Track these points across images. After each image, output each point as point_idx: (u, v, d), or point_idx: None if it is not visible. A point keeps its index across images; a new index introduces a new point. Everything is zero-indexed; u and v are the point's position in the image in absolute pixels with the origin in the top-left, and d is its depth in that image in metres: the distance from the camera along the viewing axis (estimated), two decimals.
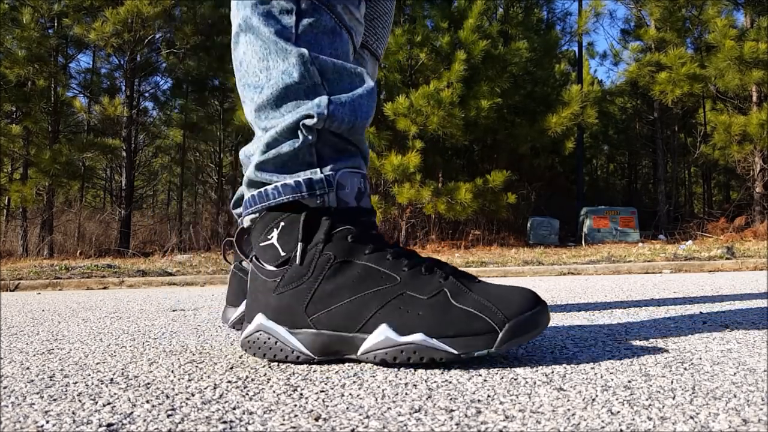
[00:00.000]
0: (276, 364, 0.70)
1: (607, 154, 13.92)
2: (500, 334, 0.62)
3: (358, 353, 0.66)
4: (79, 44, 8.54)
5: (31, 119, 7.47)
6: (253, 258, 0.75)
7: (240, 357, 0.75)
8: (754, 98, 8.49)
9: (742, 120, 7.62)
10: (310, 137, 0.71)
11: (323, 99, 0.71)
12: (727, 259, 3.65)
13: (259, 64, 0.74)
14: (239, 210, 1.12)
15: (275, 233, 0.72)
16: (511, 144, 8.46)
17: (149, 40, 8.21)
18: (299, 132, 0.71)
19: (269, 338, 0.70)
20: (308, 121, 0.70)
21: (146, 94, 9.70)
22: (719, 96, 8.97)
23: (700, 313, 1.13)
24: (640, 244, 6.38)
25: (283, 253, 0.71)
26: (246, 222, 0.78)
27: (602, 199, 10.23)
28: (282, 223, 0.72)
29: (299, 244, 0.70)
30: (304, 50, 0.71)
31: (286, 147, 0.71)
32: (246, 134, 9.46)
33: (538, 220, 7.89)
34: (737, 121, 7.64)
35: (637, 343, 0.79)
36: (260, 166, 0.73)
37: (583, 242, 7.53)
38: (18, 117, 7.79)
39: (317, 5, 0.73)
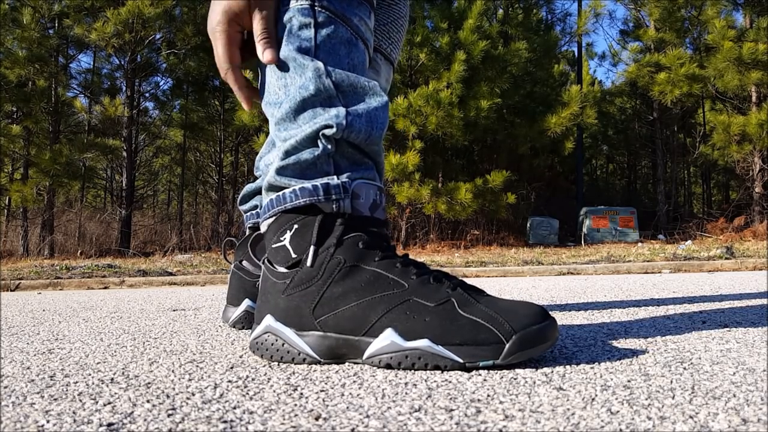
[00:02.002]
0: (276, 363, 0.70)
1: (607, 155, 13.92)
2: (507, 346, 0.62)
3: (364, 357, 0.66)
4: (80, 44, 8.54)
5: (31, 119, 7.47)
6: (265, 260, 0.76)
7: (240, 357, 0.75)
8: (753, 98, 8.50)
9: (742, 120, 7.63)
10: (329, 146, 0.72)
11: (341, 110, 0.72)
12: (726, 259, 3.65)
13: (278, 83, 0.75)
14: (245, 207, 1.13)
15: (288, 235, 0.73)
16: (510, 144, 8.47)
17: (150, 41, 8.20)
18: (318, 141, 0.72)
19: (276, 340, 0.70)
20: (327, 131, 0.71)
21: (146, 95, 9.69)
22: (718, 96, 8.98)
23: (700, 312, 1.13)
24: (640, 244, 6.38)
25: (294, 255, 0.72)
26: (263, 227, 0.79)
27: (601, 199, 10.25)
28: (295, 226, 0.72)
29: (311, 246, 0.70)
30: (320, 64, 0.73)
31: (306, 154, 0.73)
32: (246, 134, 9.46)
33: (537, 220, 7.89)
34: (736, 121, 7.64)
35: (637, 342, 0.79)
36: (280, 171, 0.74)
37: (582, 242, 7.53)
38: (18, 117, 7.78)
39: (333, 18, 0.75)
